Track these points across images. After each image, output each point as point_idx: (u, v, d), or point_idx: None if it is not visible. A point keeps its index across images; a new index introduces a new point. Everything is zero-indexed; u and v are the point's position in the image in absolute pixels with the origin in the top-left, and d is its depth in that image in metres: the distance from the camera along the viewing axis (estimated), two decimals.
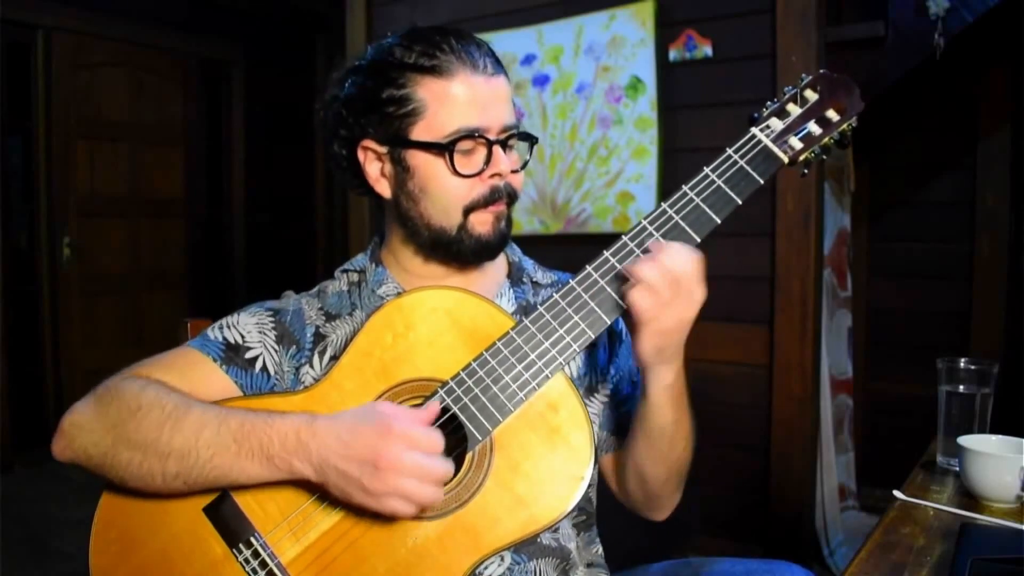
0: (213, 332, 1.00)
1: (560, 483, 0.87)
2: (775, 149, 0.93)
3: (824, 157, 0.96)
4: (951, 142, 2.99)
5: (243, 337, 0.99)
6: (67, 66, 3.92)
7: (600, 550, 1.11)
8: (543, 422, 0.89)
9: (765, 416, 2.43)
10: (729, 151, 0.93)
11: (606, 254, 0.91)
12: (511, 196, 1.01)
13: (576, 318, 0.89)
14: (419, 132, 0.97)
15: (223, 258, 4.84)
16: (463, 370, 0.89)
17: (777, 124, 0.94)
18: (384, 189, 1.02)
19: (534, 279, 1.11)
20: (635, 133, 2.59)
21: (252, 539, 0.88)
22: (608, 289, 0.89)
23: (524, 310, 1.06)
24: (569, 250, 2.74)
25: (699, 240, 0.91)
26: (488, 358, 0.88)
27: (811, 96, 0.94)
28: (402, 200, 1.01)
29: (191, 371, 0.95)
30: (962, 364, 1.19)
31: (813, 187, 2.35)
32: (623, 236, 0.91)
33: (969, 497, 1.05)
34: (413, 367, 0.90)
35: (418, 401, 0.90)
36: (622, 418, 1.07)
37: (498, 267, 1.10)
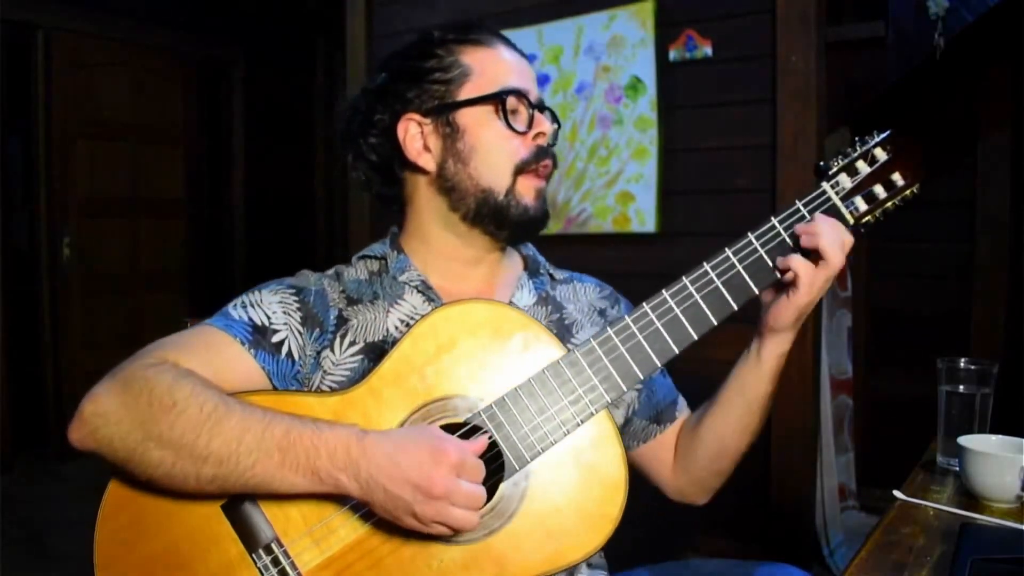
0: (236, 311, 0.95)
1: (592, 521, 0.86)
2: (843, 209, 0.91)
3: (881, 220, 0.93)
4: (951, 142, 2.99)
5: (269, 318, 0.94)
6: (67, 66, 3.92)
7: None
8: (582, 457, 0.88)
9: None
10: (799, 204, 0.92)
11: (665, 295, 0.90)
12: (554, 162, 1.03)
13: (627, 357, 0.88)
14: (467, 92, 1.00)
15: (223, 258, 4.84)
16: (507, 395, 0.87)
17: (846, 181, 0.91)
18: (427, 161, 1.01)
19: (550, 272, 1.12)
20: (635, 133, 2.59)
21: (272, 545, 0.85)
22: (663, 331, 0.88)
23: (544, 301, 1.07)
24: (569, 250, 2.74)
25: (757, 292, 0.90)
26: (534, 386, 0.87)
27: (881, 155, 0.91)
28: (449, 165, 1.00)
29: (216, 355, 0.90)
30: (962, 364, 1.18)
31: (813, 187, 2.35)
32: (683, 278, 0.90)
33: (969, 497, 1.05)
34: (455, 384, 0.88)
35: (457, 420, 0.87)
36: (658, 405, 1.10)
37: (515, 260, 1.11)
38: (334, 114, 1.13)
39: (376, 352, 0.94)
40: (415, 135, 1.01)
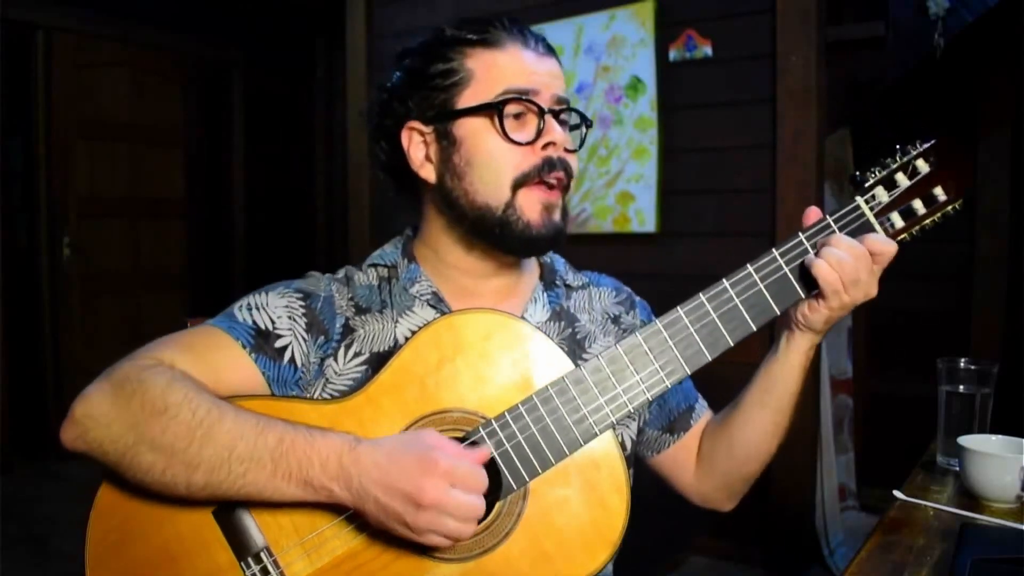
0: (240, 313, 0.92)
1: (590, 545, 0.83)
2: (877, 226, 0.85)
3: (919, 236, 0.88)
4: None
5: (273, 323, 0.92)
6: (67, 66, 3.92)
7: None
8: (583, 478, 0.85)
9: None
10: (829, 220, 0.85)
11: (680, 312, 0.85)
12: (567, 173, 0.93)
13: (637, 377, 0.84)
14: (466, 100, 0.92)
15: (223, 258, 4.84)
16: (509, 412, 0.83)
17: (883, 196, 0.85)
18: (429, 173, 0.95)
19: (566, 281, 1.07)
20: (635, 133, 2.59)
21: (262, 554, 0.83)
22: (675, 350, 0.84)
23: (558, 315, 1.02)
24: (569, 250, 2.74)
25: (778, 312, 0.86)
26: (538, 404, 0.83)
27: (923, 167, 0.85)
28: (447, 179, 0.94)
29: (216, 355, 0.89)
30: (962, 364, 1.18)
31: (813, 187, 2.35)
32: (700, 295, 0.86)
33: (969, 497, 1.05)
34: (456, 396, 0.85)
35: (457, 435, 0.84)
36: (671, 414, 1.07)
37: (531, 268, 1.05)
38: (367, 109, 1.03)
39: (383, 363, 0.90)
40: (418, 144, 0.96)
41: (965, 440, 1.08)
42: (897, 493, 1.07)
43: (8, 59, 3.75)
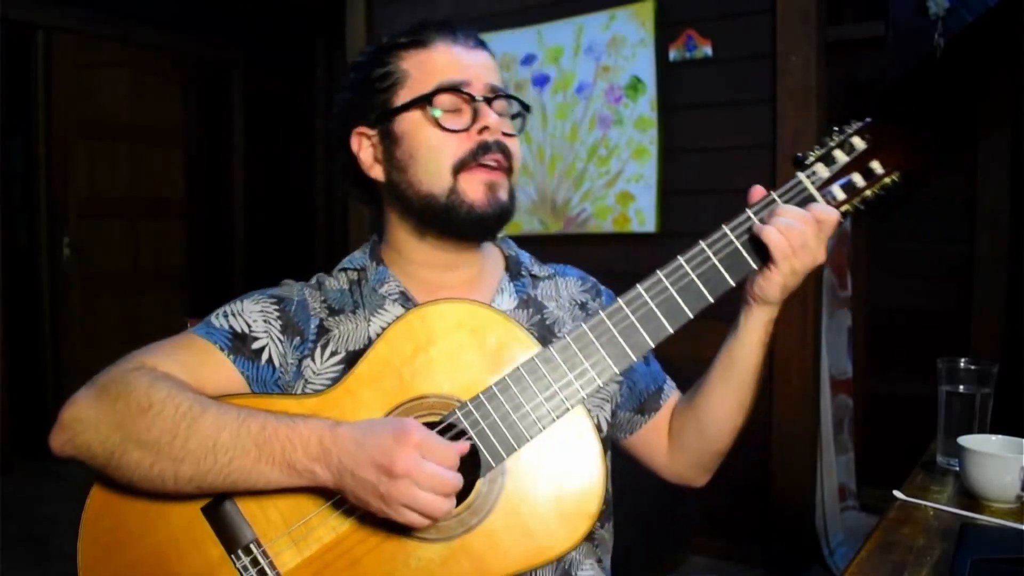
0: (217, 320, 0.97)
1: (569, 518, 0.86)
2: (819, 198, 0.90)
3: (862, 209, 0.92)
4: (951, 142, 2.99)
5: (249, 326, 0.96)
6: (67, 66, 3.92)
7: (610, 545, 1.10)
8: (558, 454, 0.88)
9: (765, 416, 2.43)
10: (774, 195, 0.90)
11: (639, 289, 0.88)
12: (505, 155, 0.97)
13: (602, 352, 0.87)
14: (402, 98, 0.98)
15: (223, 258, 4.84)
16: (483, 393, 0.87)
17: (823, 171, 0.90)
18: (378, 172, 1.01)
19: (532, 272, 1.10)
20: (635, 133, 2.59)
21: (252, 546, 0.86)
22: (638, 325, 0.88)
23: (525, 303, 1.05)
24: (569, 250, 2.74)
25: (733, 284, 0.89)
26: (510, 383, 0.87)
27: (859, 144, 0.90)
28: (394, 175, 0.99)
29: (197, 360, 0.92)
30: (962, 364, 1.19)
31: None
32: (658, 272, 0.89)
33: (969, 497, 1.05)
34: (432, 383, 0.88)
35: (435, 418, 0.88)
36: (641, 395, 1.10)
37: (496, 261, 1.09)
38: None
39: (357, 361, 0.93)
40: (367, 147, 1.01)
41: (965, 440, 1.08)
42: (897, 493, 1.07)
43: (8, 59, 3.75)
